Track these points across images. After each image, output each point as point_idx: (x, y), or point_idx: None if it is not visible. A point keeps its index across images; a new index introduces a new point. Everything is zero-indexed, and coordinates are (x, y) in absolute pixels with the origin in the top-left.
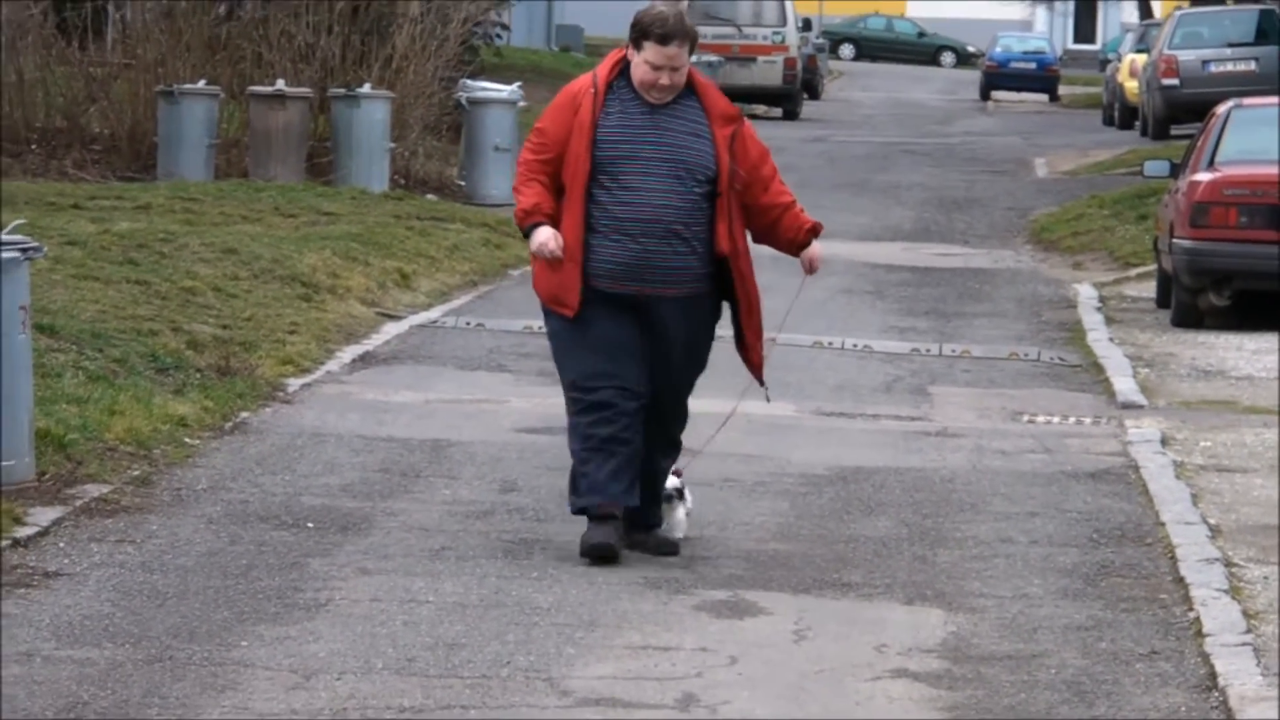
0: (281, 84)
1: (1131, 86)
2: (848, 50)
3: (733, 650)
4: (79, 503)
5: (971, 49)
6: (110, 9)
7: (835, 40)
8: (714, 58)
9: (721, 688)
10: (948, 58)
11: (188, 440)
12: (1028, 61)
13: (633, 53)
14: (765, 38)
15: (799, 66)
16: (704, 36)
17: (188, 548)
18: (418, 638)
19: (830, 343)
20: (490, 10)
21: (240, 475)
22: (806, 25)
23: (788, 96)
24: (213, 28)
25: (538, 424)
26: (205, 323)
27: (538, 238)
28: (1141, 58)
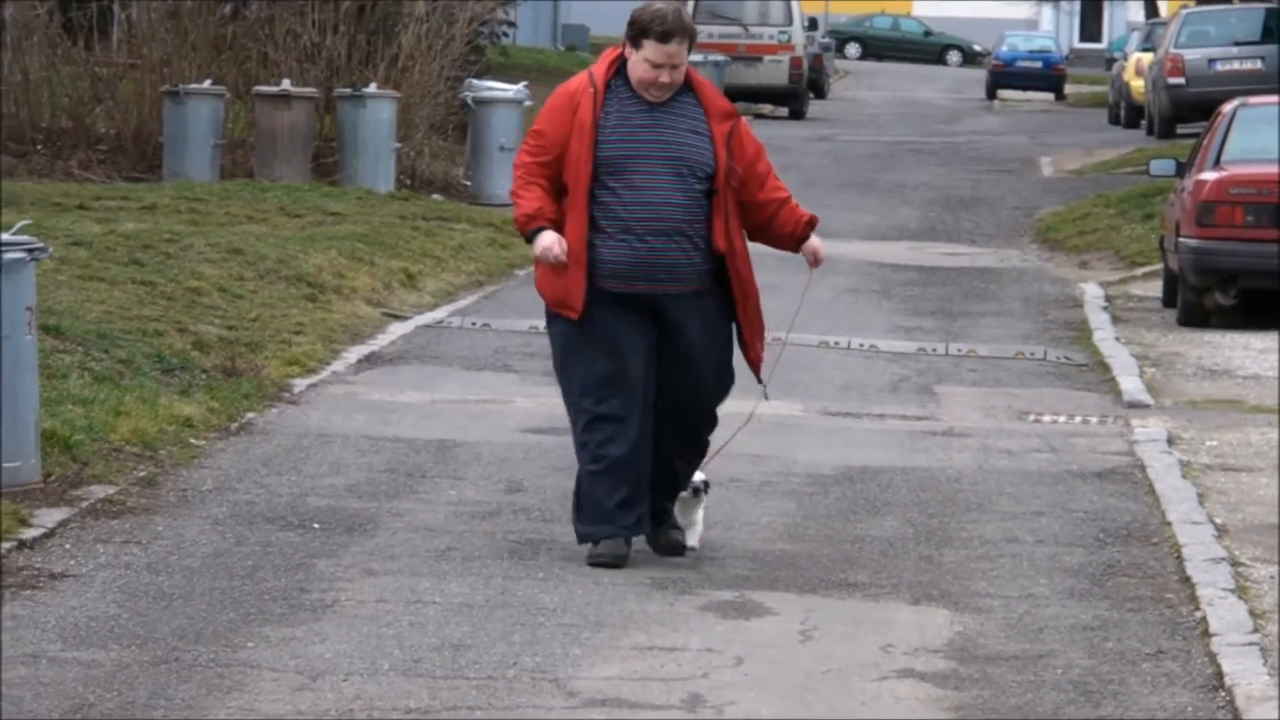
0: (287, 84)
1: (1137, 85)
2: (854, 49)
3: (739, 651)
4: (85, 504)
5: (977, 48)
6: (116, 9)
7: (841, 39)
8: (720, 57)
9: (728, 688)
10: (954, 57)
11: (193, 441)
12: (1034, 60)
13: (630, 51)
14: (771, 37)
15: (805, 66)
16: (710, 36)
17: (193, 549)
18: (424, 638)
19: (836, 342)
20: (496, 9)
21: (246, 476)
22: (812, 24)
23: (794, 96)
24: (218, 27)
25: (543, 424)
26: (211, 323)
27: (541, 242)
28: (1147, 56)
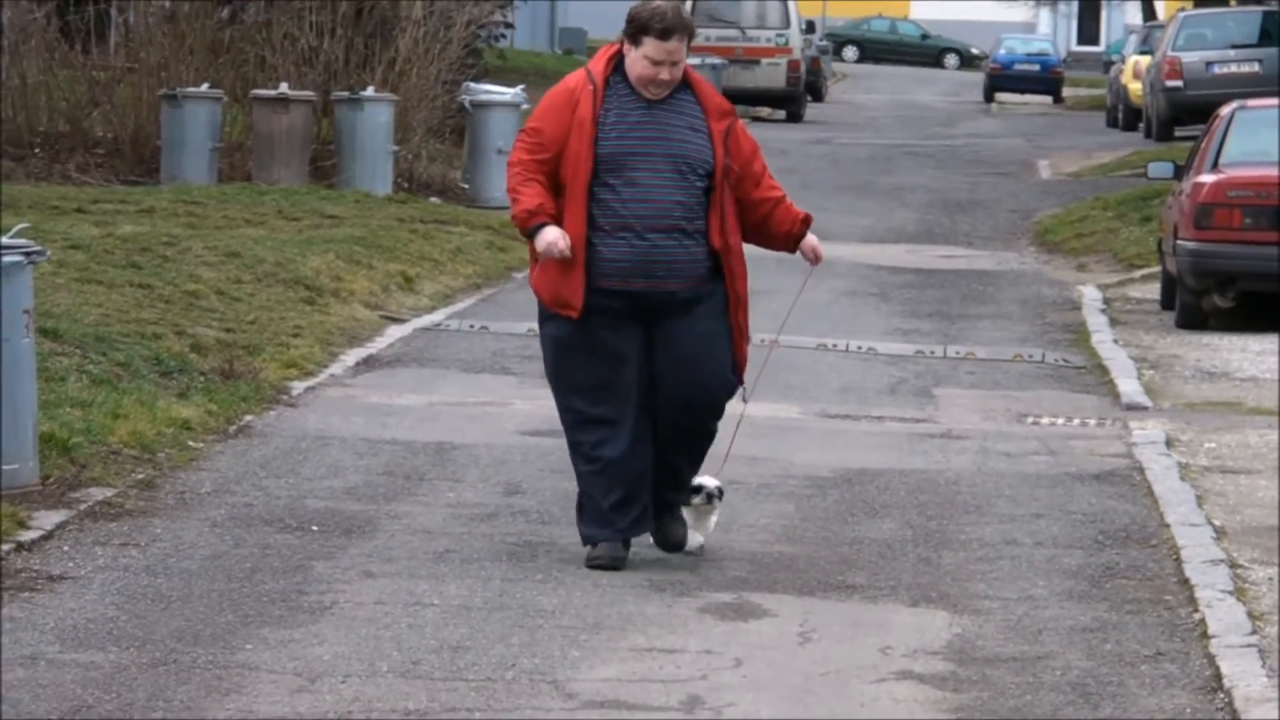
0: (285, 87)
1: (1135, 88)
2: (851, 52)
3: (738, 652)
4: (83, 506)
5: (975, 51)
6: (113, 13)
7: (839, 42)
8: (717, 60)
9: (726, 690)
10: (951, 60)
11: (192, 444)
12: (1031, 63)
13: (629, 48)
14: (769, 40)
15: (802, 69)
16: (707, 39)
17: (192, 551)
18: (422, 641)
19: (834, 345)
20: (494, 12)
21: (244, 478)
22: (810, 27)
23: (791, 99)
24: (216, 31)
25: (542, 426)
26: (209, 326)
27: (545, 237)
28: (1145, 59)
